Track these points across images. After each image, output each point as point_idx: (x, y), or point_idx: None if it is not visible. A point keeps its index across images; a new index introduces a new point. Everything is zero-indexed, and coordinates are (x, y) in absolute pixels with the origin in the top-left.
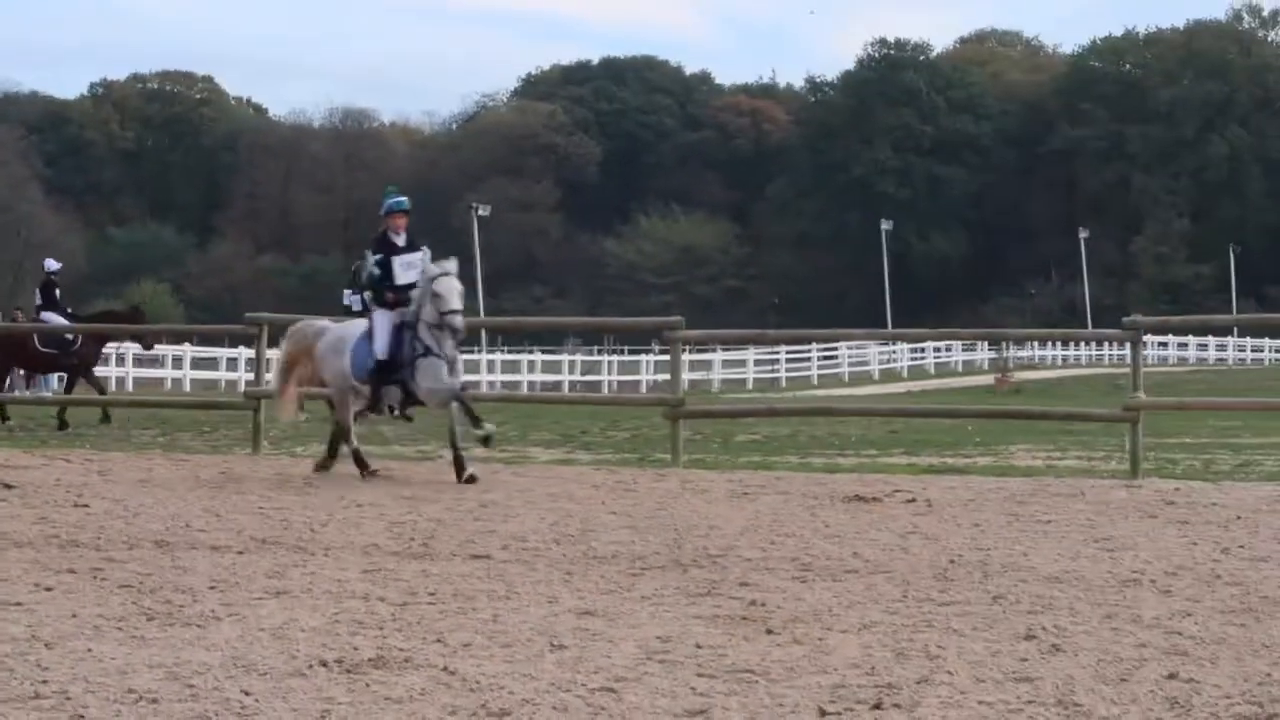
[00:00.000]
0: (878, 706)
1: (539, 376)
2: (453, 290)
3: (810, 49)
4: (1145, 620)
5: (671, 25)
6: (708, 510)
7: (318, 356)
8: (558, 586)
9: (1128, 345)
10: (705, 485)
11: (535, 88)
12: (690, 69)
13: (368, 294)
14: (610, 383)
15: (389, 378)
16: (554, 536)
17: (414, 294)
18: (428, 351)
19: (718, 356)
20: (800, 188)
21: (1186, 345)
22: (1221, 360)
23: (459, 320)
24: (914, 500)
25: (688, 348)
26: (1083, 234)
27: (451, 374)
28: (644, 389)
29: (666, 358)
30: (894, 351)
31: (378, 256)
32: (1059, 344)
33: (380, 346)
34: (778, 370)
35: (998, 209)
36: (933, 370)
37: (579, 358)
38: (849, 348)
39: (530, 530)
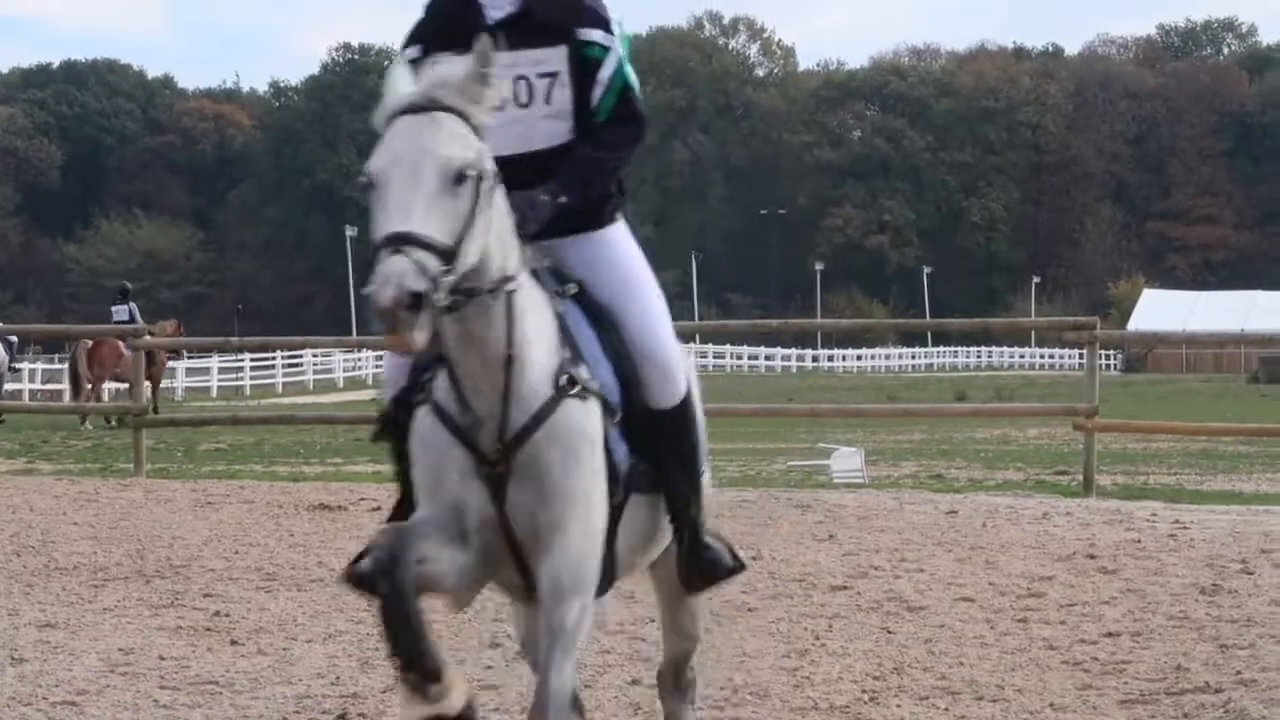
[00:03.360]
0: (343, 716)
1: None
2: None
3: (275, 53)
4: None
5: (133, 28)
6: (171, 520)
7: None
8: (18, 599)
9: None
10: (169, 495)
11: None
12: (153, 72)
13: None
14: None
15: None
16: (14, 548)
17: None
18: None
19: (181, 364)
20: (264, 193)
21: None
22: None
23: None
24: (379, 508)
25: None
26: None
27: None
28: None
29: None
30: (359, 359)
31: None
32: None
33: None
34: (242, 378)
35: None
36: None
37: (40, 366)
38: (314, 355)
39: None
